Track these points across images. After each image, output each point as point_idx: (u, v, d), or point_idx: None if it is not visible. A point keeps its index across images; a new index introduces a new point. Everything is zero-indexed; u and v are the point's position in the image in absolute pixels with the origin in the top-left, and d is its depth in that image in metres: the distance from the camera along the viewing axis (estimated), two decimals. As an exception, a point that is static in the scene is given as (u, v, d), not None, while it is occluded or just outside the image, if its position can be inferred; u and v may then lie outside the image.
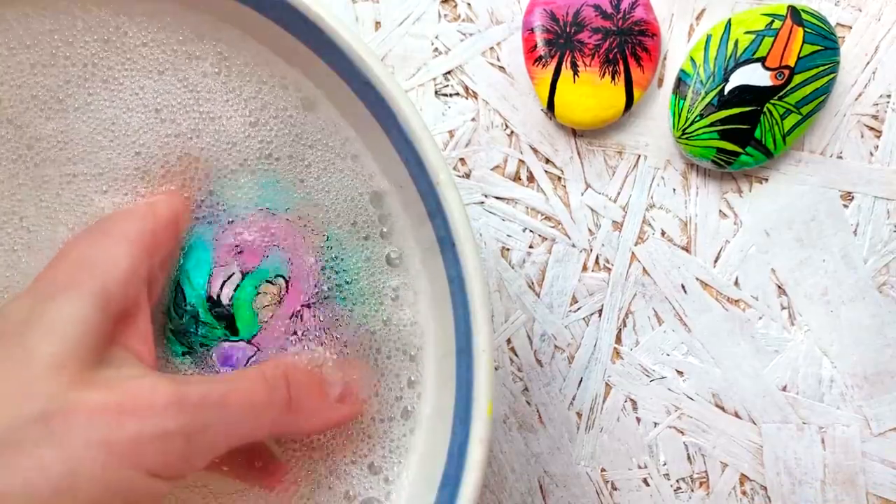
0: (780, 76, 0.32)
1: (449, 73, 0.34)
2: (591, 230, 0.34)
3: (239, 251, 0.26)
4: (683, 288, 0.34)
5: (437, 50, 0.34)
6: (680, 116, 0.32)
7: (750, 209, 0.34)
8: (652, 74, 0.33)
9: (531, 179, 0.34)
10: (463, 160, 0.34)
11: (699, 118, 0.32)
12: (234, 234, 0.26)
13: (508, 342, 0.35)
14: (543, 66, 0.33)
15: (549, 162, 0.34)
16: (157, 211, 0.25)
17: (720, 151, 0.32)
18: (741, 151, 0.32)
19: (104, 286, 0.21)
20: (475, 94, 0.34)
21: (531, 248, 0.34)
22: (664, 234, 0.34)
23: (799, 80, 0.32)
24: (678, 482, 0.34)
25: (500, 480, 0.35)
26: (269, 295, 0.26)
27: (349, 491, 0.26)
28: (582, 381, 0.34)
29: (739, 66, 0.32)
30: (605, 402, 0.34)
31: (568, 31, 0.33)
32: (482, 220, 0.34)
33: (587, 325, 0.34)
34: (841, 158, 0.34)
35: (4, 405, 0.19)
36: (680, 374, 0.34)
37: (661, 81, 0.34)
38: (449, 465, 0.23)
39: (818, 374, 0.34)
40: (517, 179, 0.34)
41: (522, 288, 0.34)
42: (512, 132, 0.34)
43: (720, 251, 0.34)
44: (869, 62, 0.33)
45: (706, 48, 0.32)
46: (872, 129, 0.33)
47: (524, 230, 0.34)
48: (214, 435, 0.21)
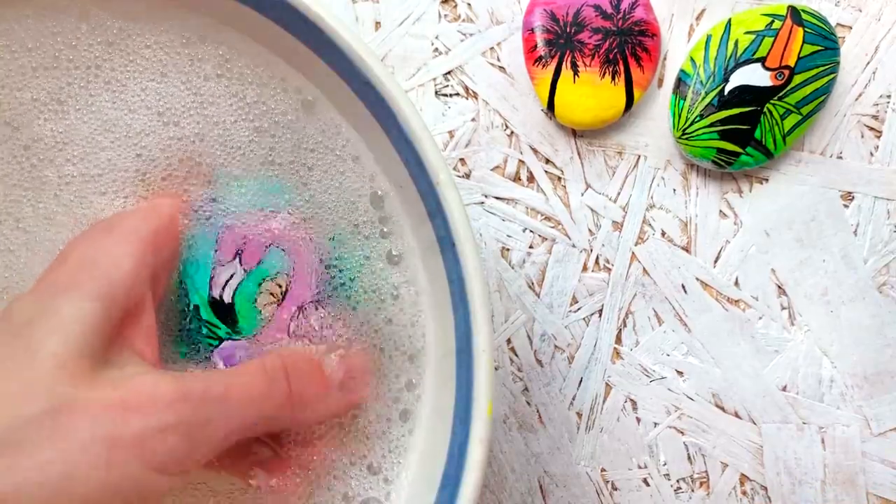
0: (780, 76, 0.32)
1: (449, 73, 0.34)
2: (591, 230, 0.34)
3: (241, 251, 0.26)
4: (683, 288, 0.34)
5: (437, 50, 0.34)
6: (680, 116, 0.32)
7: (750, 209, 0.34)
8: (652, 74, 0.33)
9: (531, 180, 0.34)
10: (463, 160, 0.34)
11: (699, 118, 0.32)
12: (235, 234, 0.26)
13: (508, 342, 0.35)
14: (543, 66, 0.33)
15: (549, 162, 0.34)
16: (159, 211, 0.25)
17: (720, 152, 0.32)
18: (741, 152, 0.32)
19: (109, 285, 0.21)
20: (475, 94, 0.34)
21: (531, 248, 0.34)
22: (664, 234, 0.34)
23: (799, 80, 0.32)
24: (678, 482, 0.34)
25: (500, 480, 0.35)
26: (270, 294, 0.26)
27: (347, 492, 0.26)
28: (582, 381, 0.34)
29: (739, 66, 0.32)
30: (605, 402, 0.34)
31: (568, 31, 0.33)
32: (482, 220, 0.34)
33: (587, 325, 0.34)
34: (841, 158, 0.34)
35: (6, 405, 0.19)
36: (680, 374, 0.34)
37: (661, 81, 0.34)
38: (449, 465, 0.23)
39: (818, 374, 0.34)
40: (517, 180, 0.34)
41: (522, 288, 0.34)
42: (512, 132, 0.34)
43: (720, 251, 0.34)
44: (869, 62, 0.33)
45: (706, 48, 0.32)
46: (872, 129, 0.33)
47: (524, 230, 0.34)
48: (216, 429, 0.21)
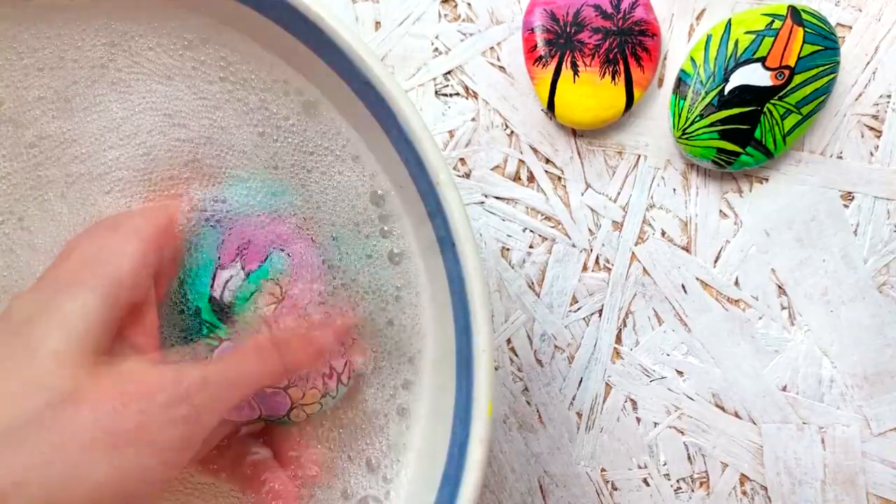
0: (780, 76, 0.32)
1: (449, 73, 0.34)
2: (591, 230, 0.34)
3: (242, 252, 0.26)
4: (683, 288, 0.34)
5: (437, 50, 0.34)
6: (680, 116, 0.32)
7: (750, 209, 0.34)
8: (652, 74, 0.33)
9: (531, 179, 0.34)
10: (463, 160, 0.34)
11: (699, 118, 0.32)
12: (237, 235, 0.26)
13: (508, 342, 0.35)
14: (543, 66, 0.33)
15: (549, 162, 0.34)
16: (163, 211, 0.25)
17: (720, 151, 0.32)
18: (741, 151, 0.32)
19: (112, 282, 0.22)
20: (475, 94, 0.34)
21: (531, 248, 0.34)
22: (664, 234, 0.34)
23: (799, 80, 0.32)
24: (678, 482, 0.34)
25: (500, 480, 0.35)
26: (271, 294, 0.26)
27: (346, 489, 0.26)
28: (582, 381, 0.34)
29: (739, 66, 0.32)
30: (605, 402, 0.34)
31: (568, 31, 0.33)
32: (482, 220, 0.34)
33: (587, 325, 0.34)
34: (841, 158, 0.34)
35: (7, 405, 0.19)
36: (680, 374, 0.34)
37: (661, 81, 0.34)
38: (449, 464, 0.23)
39: (818, 374, 0.34)
40: (517, 179, 0.34)
41: (522, 288, 0.34)
42: (512, 132, 0.34)
43: (720, 251, 0.34)
44: (869, 62, 0.33)
45: (706, 48, 0.32)
46: (872, 129, 0.33)
47: (524, 230, 0.34)
48: (216, 414, 0.21)
